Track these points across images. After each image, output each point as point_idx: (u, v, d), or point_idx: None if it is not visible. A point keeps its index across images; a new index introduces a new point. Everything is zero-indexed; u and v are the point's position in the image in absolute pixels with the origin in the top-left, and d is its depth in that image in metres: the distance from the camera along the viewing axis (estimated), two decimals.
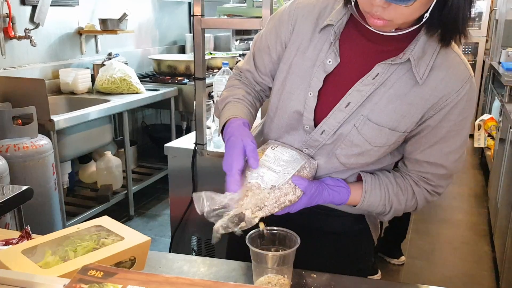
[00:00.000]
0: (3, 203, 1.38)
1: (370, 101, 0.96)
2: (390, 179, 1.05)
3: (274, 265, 0.90)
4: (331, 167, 1.05)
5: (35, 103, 2.33)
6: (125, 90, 3.24)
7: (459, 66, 0.95)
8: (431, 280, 2.69)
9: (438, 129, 0.97)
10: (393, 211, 1.05)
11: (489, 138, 3.83)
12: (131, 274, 0.63)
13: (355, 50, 0.99)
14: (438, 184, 1.04)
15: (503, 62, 4.25)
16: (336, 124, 0.99)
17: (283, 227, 0.96)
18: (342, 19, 0.99)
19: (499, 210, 2.91)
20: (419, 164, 1.03)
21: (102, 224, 1.02)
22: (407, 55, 0.93)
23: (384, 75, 0.95)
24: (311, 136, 1.03)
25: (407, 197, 1.04)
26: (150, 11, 4.17)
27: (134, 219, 3.35)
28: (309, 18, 1.03)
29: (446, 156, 1.00)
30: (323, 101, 1.00)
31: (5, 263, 0.85)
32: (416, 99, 0.95)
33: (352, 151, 1.00)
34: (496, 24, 4.95)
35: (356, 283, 0.99)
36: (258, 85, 1.16)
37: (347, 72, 0.99)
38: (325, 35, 1.00)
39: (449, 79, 0.94)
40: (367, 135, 0.98)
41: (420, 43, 0.93)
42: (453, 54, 0.96)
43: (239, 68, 1.19)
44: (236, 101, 1.09)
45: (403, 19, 0.86)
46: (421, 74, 0.93)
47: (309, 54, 1.01)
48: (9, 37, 2.79)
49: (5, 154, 2.11)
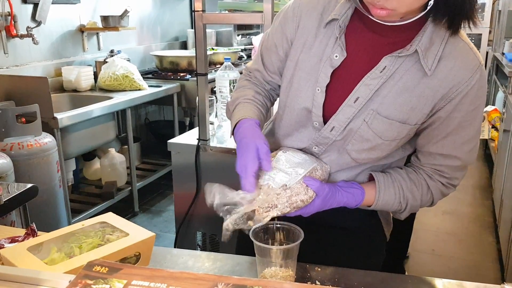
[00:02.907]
0: (9, 201, 1.39)
1: (378, 94, 0.95)
2: (403, 175, 1.03)
3: (278, 259, 0.90)
4: (342, 163, 1.04)
5: (38, 101, 2.34)
6: (128, 87, 3.25)
7: (468, 54, 0.93)
8: (435, 272, 2.70)
9: (450, 120, 0.95)
10: (409, 207, 1.04)
11: (493, 129, 3.82)
12: (136, 269, 0.64)
13: (361, 44, 0.97)
14: (453, 176, 1.03)
15: (506, 53, 4.23)
16: (345, 120, 0.98)
17: (294, 223, 0.96)
18: (347, 13, 0.97)
19: (504, 202, 2.91)
20: (432, 156, 1.01)
21: (107, 221, 1.03)
22: (414, 47, 0.91)
23: (392, 68, 0.93)
24: (321, 133, 1.02)
25: (422, 192, 1.03)
26: (151, 7, 4.17)
27: (139, 215, 3.36)
28: (313, 13, 1.01)
29: (460, 147, 0.98)
30: (331, 97, 0.99)
31: (11, 260, 0.86)
32: (426, 91, 0.93)
33: (363, 146, 0.99)
34: (499, 15, 4.92)
35: (360, 276, 1.00)
36: (268, 84, 1.15)
37: (354, 66, 0.97)
38: (330, 29, 0.99)
39: (458, 69, 0.92)
40: (378, 129, 0.96)
41: (428, 33, 0.91)
42: (461, 43, 0.93)
43: (248, 68, 1.18)
44: (247, 101, 1.09)
45: (406, 7, 0.84)
46: (429, 65, 0.91)
47: (315, 49, 1.00)
48: (11, 36, 2.79)
49: (9, 152, 2.12)
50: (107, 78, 3.22)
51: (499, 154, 3.44)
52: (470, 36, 3.65)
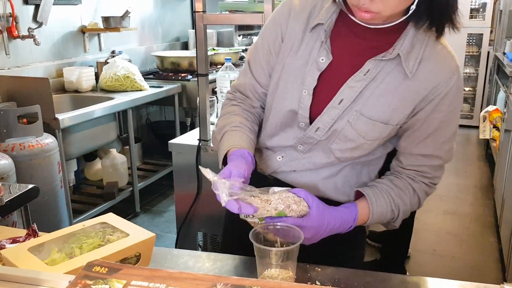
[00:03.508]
0: (10, 201, 1.39)
1: (362, 96, 0.98)
2: (388, 184, 1.05)
3: (278, 261, 0.90)
4: (325, 162, 1.07)
5: (39, 102, 2.34)
6: (129, 87, 3.26)
7: (446, 57, 0.97)
8: (437, 272, 2.69)
9: (430, 121, 0.99)
10: (402, 213, 1.06)
11: (494, 129, 3.82)
12: (135, 269, 0.64)
13: (346, 47, 1.00)
14: (434, 176, 1.06)
15: (507, 53, 4.22)
16: (330, 121, 1.01)
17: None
18: (332, 17, 1.00)
19: (505, 202, 2.91)
20: (414, 158, 1.04)
21: (107, 221, 1.03)
22: (397, 51, 0.94)
23: (375, 70, 0.97)
24: (306, 133, 1.05)
25: (410, 196, 1.05)
26: (152, 8, 4.17)
27: (140, 215, 3.37)
28: (300, 18, 1.04)
29: (441, 146, 1.02)
30: (317, 99, 1.02)
31: (12, 260, 0.86)
32: (407, 92, 0.97)
33: (347, 146, 1.02)
34: (500, 14, 4.91)
35: (360, 276, 1.00)
36: (258, 101, 1.14)
37: (339, 69, 1.00)
38: (316, 33, 1.01)
39: (438, 71, 0.96)
40: (361, 129, 0.99)
41: (409, 37, 0.95)
42: (440, 46, 0.97)
43: (235, 87, 1.17)
44: (234, 129, 1.07)
45: (390, 10, 0.87)
46: (410, 68, 0.95)
47: (301, 53, 1.03)
48: (12, 37, 2.80)
49: (11, 153, 2.13)
50: (108, 78, 3.22)
51: (501, 154, 3.44)
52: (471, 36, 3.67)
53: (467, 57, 5.72)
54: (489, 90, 5.34)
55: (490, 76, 5.24)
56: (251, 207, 0.89)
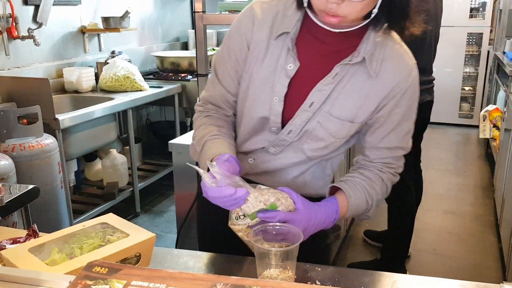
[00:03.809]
0: (10, 202, 1.39)
1: (330, 97, 1.04)
2: (360, 176, 1.10)
3: (278, 261, 0.91)
4: (296, 161, 1.13)
5: (39, 103, 2.34)
6: (129, 87, 3.26)
7: (404, 56, 1.04)
8: (437, 271, 2.70)
9: (393, 116, 1.06)
10: (375, 203, 1.11)
11: (494, 128, 3.82)
12: (135, 270, 0.64)
13: (312, 53, 1.05)
14: (398, 166, 1.14)
15: (507, 52, 4.22)
16: (301, 123, 1.06)
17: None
18: (296, 25, 1.03)
19: (505, 201, 2.91)
20: (380, 151, 1.10)
21: (107, 221, 1.03)
22: (362, 54, 1.00)
23: (342, 73, 1.02)
24: (278, 136, 1.09)
25: (380, 185, 1.11)
26: (152, 8, 4.17)
27: (141, 215, 3.37)
28: (263, 27, 1.06)
29: (403, 138, 1.10)
30: (288, 104, 1.06)
31: (12, 261, 0.87)
32: (371, 91, 1.03)
33: (318, 145, 1.08)
34: (500, 14, 4.91)
35: (360, 276, 1.00)
36: (231, 109, 1.16)
37: (307, 74, 1.04)
38: (281, 41, 1.04)
39: (397, 69, 1.03)
40: (331, 129, 1.05)
41: (371, 40, 1.00)
42: (397, 46, 1.04)
43: (205, 99, 1.17)
44: (214, 138, 1.07)
45: (356, 14, 0.91)
46: (374, 69, 1.01)
47: (268, 61, 1.06)
48: (12, 37, 2.80)
49: (11, 153, 2.13)
50: (108, 79, 3.23)
51: (501, 153, 3.44)
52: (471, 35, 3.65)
53: (467, 56, 5.72)
54: (489, 89, 5.34)
55: (490, 76, 5.24)
56: (245, 190, 0.91)
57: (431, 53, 2.44)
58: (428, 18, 2.32)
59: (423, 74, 2.38)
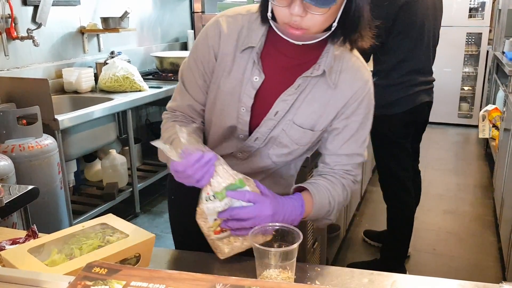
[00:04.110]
0: (10, 203, 1.39)
1: (293, 107, 1.10)
2: (322, 179, 1.14)
3: (277, 261, 0.91)
4: (262, 166, 1.19)
5: (39, 103, 2.34)
6: (128, 88, 3.25)
7: (360, 68, 1.12)
8: (437, 271, 2.70)
9: (351, 124, 1.12)
10: (337, 205, 1.13)
11: (493, 128, 3.82)
12: (135, 270, 0.64)
13: (276, 66, 1.10)
14: (357, 173, 1.18)
15: (506, 52, 4.23)
16: (267, 131, 1.13)
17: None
18: (261, 40, 1.09)
19: (505, 201, 2.91)
20: (340, 158, 1.15)
21: (107, 222, 1.03)
22: (322, 67, 1.07)
23: (304, 84, 1.09)
24: (246, 143, 1.15)
25: (341, 189, 1.14)
26: (151, 8, 4.17)
27: (140, 216, 3.37)
28: (229, 41, 1.11)
29: (361, 145, 1.15)
30: (254, 114, 1.12)
31: (12, 262, 0.87)
32: (331, 100, 1.10)
33: (282, 151, 1.15)
34: (499, 14, 4.92)
35: (360, 276, 1.00)
36: (199, 118, 1.20)
37: (272, 85, 1.10)
38: (247, 54, 1.10)
39: (354, 80, 1.10)
40: (294, 136, 1.12)
41: (330, 54, 1.07)
42: (354, 58, 1.11)
43: (173, 108, 1.21)
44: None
45: (318, 27, 0.97)
46: (333, 80, 1.08)
47: (234, 73, 1.11)
48: (11, 38, 2.80)
49: (10, 154, 2.13)
50: (107, 79, 3.22)
51: (500, 153, 3.44)
52: (470, 35, 3.65)
53: (466, 56, 5.73)
54: (488, 89, 5.34)
55: (489, 75, 5.25)
56: (213, 153, 0.96)
57: (430, 53, 2.43)
58: (425, 18, 2.31)
59: (421, 75, 2.40)
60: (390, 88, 2.38)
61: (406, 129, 2.45)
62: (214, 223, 1.01)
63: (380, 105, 2.40)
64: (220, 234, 1.02)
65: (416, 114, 2.42)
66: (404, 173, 2.52)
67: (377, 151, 2.58)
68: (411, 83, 2.36)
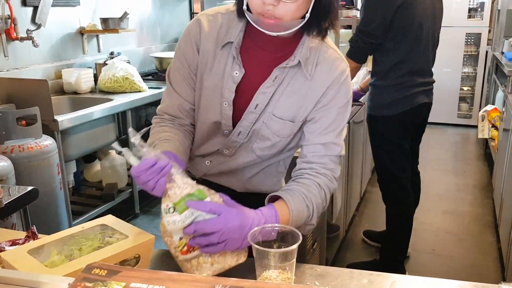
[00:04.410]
0: (9, 203, 1.40)
1: (273, 99, 1.13)
2: (295, 184, 1.12)
3: (276, 262, 0.91)
4: (248, 161, 1.22)
5: (38, 104, 2.34)
6: (128, 88, 3.25)
7: (337, 59, 1.15)
8: (436, 272, 2.70)
9: (328, 114, 1.14)
10: (316, 208, 1.10)
11: (493, 128, 3.83)
12: (134, 271, 0.64)
13: (255, 60, 1.14)
14: (334, 168, 1.16)
15: (506, 52, 4.23)
16: (249, 124, 1.16)
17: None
18: (239, 35, 1.13)
19: (504, 201, 2.91)
20: (317, 148, 1.15)
21: (107, 223, 1.03)
22: (297, 58, 1.10)
23: (282, 76, 1.12)
24: (230, 138, 1.19)
25: (317, 190, 1.12)
26: (150, 9, 4.17)
27: (140, 217, 3.37)
28: (210, 38, 1.15)
29: (337, 135, 1.15)
30: (236, 108, 1.15)
31: (11, 263, 0.87)
32: (309, 92, 1.13)
33: (265, 144, 1.18)
34: (498, 14, 4.92)
35: (359, 276, 1.00)
36: (189, 118, 1.22)
37: (252, 79, 1.14)
38: (227, 50, 1.14)
39: (331, 71, 1.13)
40: (274, 128, 1.15)
41: (305, 46, 1.11)
42: (330, 50, 1.15)
43: (162, 110, 1.22)
44: (163, 142, 1.11)
45: (291, 15, 1.00)
46: (309, 71, 1.12)
47: (215, 70, 1.15)
48: (11, 39, 2.80)
49: (10, 155, 2.13)
50: (107, 80, 3.22)
51: (499, 153, 3.44)
52: (469, 36, 3.65)
53: (465, 56, 5.73)
54: (487, 89, 5.35)
55: (489, 76, 5.25)
56: (167, 161, 0.93)
57: (429, 55, 2.42)
58: (423, 19, 2.31)
59: (419, 76, 2.40)
60: (388, 89, 2.38)
61: (404, 130, 2.45)
62: (180, 243, 0.96)
63: (379, 106, 2.46)
64: (187, 255, 0.96)
65: (414, 115, 2.42)
66: (403, 173, 2.52)
67: (375, 151, 2.58)
68: (409, 84, 2.35)
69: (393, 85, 2.36)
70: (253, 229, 0.94)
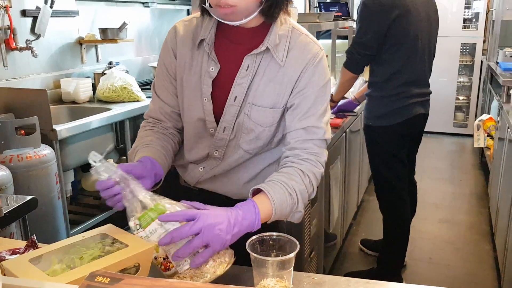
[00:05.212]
0: (9, 213, 1.40)
1: (251, 89, 1.17)
2: (276, 174, 1.12)
3: (274, 270, 0.92)
4: (238, 158, 1.23)
5: (37, 113, 2.35)
6: (126, 98, 3.27)
7: (309, 43, 1.18)
8: (433, 280, 2.71)
9: (307, 97, 1.16)
10: (300, 195, 1.10)
11: (488, 138, 3.86)
12: (136, 279, 0.65)
13: (229, 54, 1.18)
14: (319, 152, 1.17)
15: (500, 62, 4.28)
16: (232, 118, 1.19)
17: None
18: (211, 32, 1.18)
19: (500, 210, 2.93)
20: (298, 133, 1.16)
21: (107, 232, 1.04)
22: (265, 44, 1.14)
23: (255, 65, 1.16)
24: (217, 136, 1.21)
25: (300, 176, 1.12)
26: (149, 19, 4.20)
27: None
28: (186, 41, 1.22)
29: (318, 118, 1.16)
30: (216, 103, 1.19)
31: (13, 272, 0.87)
32: (284, 78, 1.16)
33: (250, 137, 1.20)
34: (493, 24, 4.98)
35: (356, 285, 1.01)
36: (170, 121, 1.28)
37: (228, 73, 1.18)
38: (202, 49, 1.19)
39: (303, 54, 1.16)
40: (256, 118, 1.17)
41: (273, 33, 1.14)
42: (302, 36, 1.18)
43: (147, 114, 1.30)
44: (145, 146, 1.19)
45: (245, 2, 1.04)
46: (281, 57, 1.15)
47: (194, 69, 1.20)
48: (10, 49, 2.82)
49: (8, 164, 2.14)
50: (105, 89, 3.24)
51: (495, 162, 3.47)
52: (465, 46, 3.70)
53: (460, 66, 5.78)
54: (482, 99, 5.39)
55: (484, 85, 5.29)
56: (120, 187, 1.00)
57: (425, 65, 2.44)
58: (419, 30, 2.34)
59: (415, 86, 2.43)
60: (384, 99, 2.41)
61: (401, 140, 2.47)
62: (157, 262, 0.96)
63: (375, 116, 2.48)
64: (167, 272, 0.95)
65: (411, 125, 2.45)
66: (400, 183, 2.54)
67: (372, 161, 2.60)
68: (405, 94, 2.38)
69: (389, 96, 2.39)
70: (251, 238, 0.96)
